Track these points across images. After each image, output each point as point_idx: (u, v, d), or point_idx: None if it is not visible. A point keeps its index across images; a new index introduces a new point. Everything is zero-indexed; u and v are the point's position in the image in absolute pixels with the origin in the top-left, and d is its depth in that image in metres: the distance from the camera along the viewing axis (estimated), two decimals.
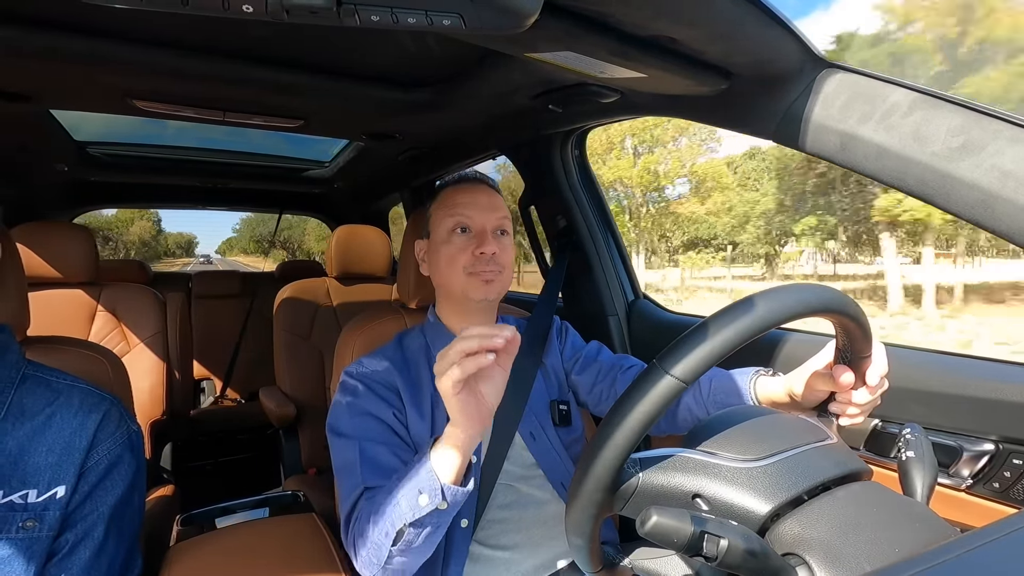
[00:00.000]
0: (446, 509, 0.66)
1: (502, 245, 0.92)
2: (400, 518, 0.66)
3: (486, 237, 0.90)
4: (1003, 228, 0.63)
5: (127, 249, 34.96)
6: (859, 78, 0.75)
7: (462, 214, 0.91)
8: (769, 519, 0.47)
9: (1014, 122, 0.63)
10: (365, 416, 0.84)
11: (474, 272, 0.89)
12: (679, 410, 0.92)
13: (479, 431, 0.65)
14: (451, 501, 0.65)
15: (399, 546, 0.67)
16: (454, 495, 0.65)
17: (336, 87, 1.15)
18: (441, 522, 0.68)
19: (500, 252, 0.90)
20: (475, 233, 0.91)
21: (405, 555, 0.69)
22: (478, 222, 0.91)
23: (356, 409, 0.84)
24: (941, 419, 0.84)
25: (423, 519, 0.65)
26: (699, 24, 0.70)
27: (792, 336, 1.09)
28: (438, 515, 0.66)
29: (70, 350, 1.00)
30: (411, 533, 0.67)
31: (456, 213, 0.91)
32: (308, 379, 1.76)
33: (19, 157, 1.78)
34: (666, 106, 1.02)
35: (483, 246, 0.88)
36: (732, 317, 0.50)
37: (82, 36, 0.90)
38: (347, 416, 0.84)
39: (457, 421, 0.64)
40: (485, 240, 0.89)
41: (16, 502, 0.65)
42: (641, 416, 0.48)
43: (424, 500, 0.65)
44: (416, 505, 0.65)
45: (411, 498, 0.65)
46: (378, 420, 0.84)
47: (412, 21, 0.52)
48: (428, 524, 0.67)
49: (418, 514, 0.65)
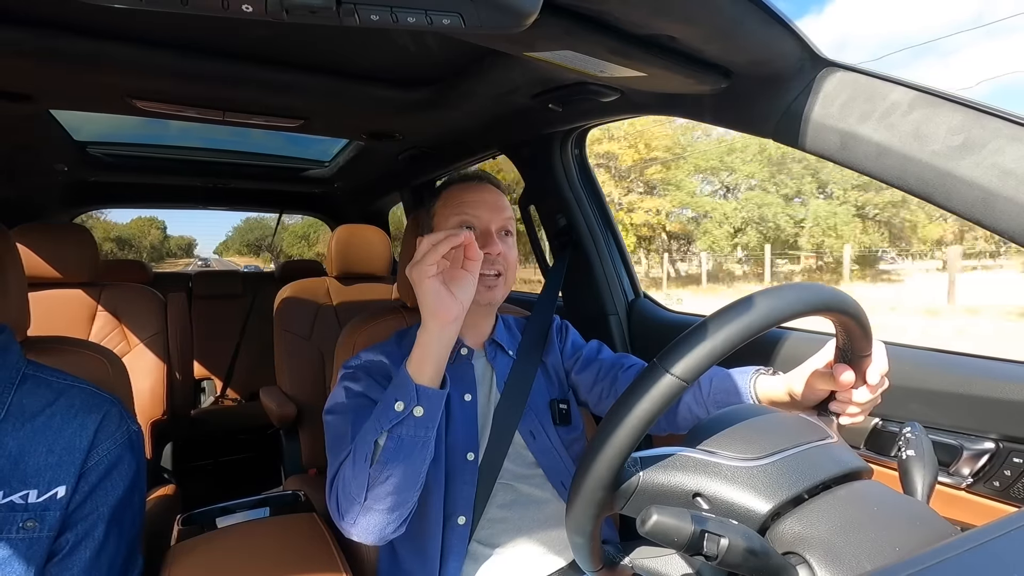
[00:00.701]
0: (422, 417, 0.67)
1: (507, 246, 0.92)
2: (376, 430, 0.68)
3: (491, 237, 0.90)
4: (1003, 227, 0.63)
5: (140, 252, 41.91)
6: (859, 77, 0.75)
7: (468, 213, 0.91)
8: (769, 518, 0.47)
9: (1014, 120, 0.63)
10: (361, 397, 0.84)
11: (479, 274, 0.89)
12: (679, 409, 0.92)
13: (450, 323, 0.70)
14: (426, 405, 0.67)
15: (375, 467, 0.68)
16: (429, 397, 0.67)
17: (336, 87, 1.15)
18: (418, 435, 0.69)
19: (505, 252, 0.90)
20: (480, 232, 0.91)
21: (383, 481, 0.68)
22: (483, 221, 0.91)
23: (352, 392, 0.85)
24: (941, 418, 0.84)
25: (398, 426, 0.67)
26: (699, 22, 0.70)
27: (792, 335, 1.09)
28: (415, 423, 0.67)
29: (70, 350, 1.00)
30: (387, 443, 0.68)
31: (462, 212, 0.91)
32: (308, 379, 1.76)
33: (19, 157, 1.78)
34: (666, 105, 1.02)
35: (488, 246, 0.88)
36: (732, 316, 0.50)
37: (82, 36, 0.90)
38: (343, 398, 0.85)
39: (432, 310, 0.69)
40: (490, 240, 0.89)
41: (16, 502, 0.65)
42: (642, 415, 0.48)
43: (399, 406, 0.67)
44: (392, 411, 0.67)
45: (387, 407, 0.68)
46: (373, 401, 0.83)
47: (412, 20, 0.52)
48: (405, 436, 0.68)
49: (393, 420, 0.67)
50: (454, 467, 0.87)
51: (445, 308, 0.69)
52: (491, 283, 0.90)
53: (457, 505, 0.85)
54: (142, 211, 41.38)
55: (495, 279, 0.90)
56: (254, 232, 47.07)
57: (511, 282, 0.94)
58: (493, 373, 0.97)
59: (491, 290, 0.90)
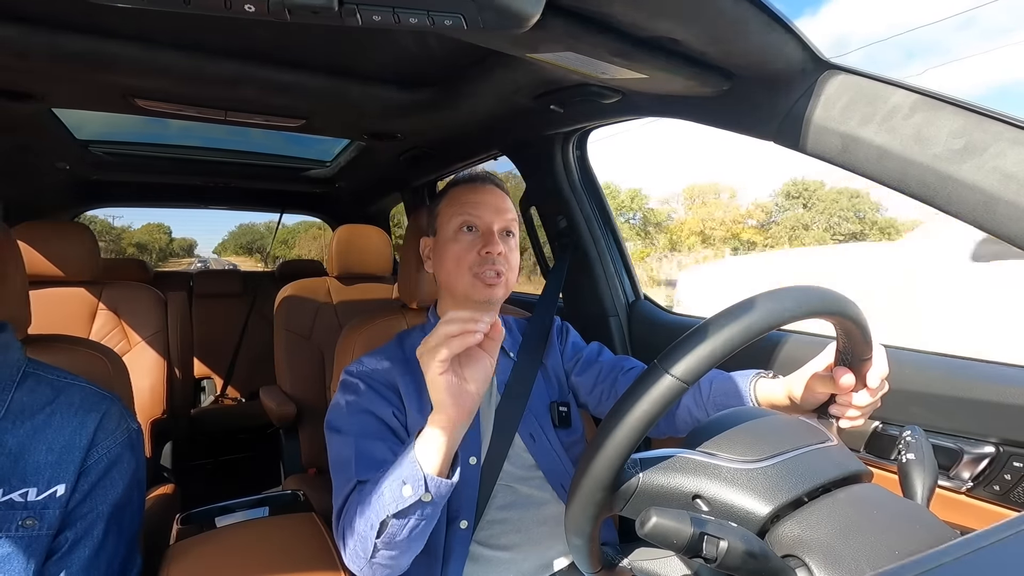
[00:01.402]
0: (430, 502, 0.64)
1: (508, 246, 0.92)
2: (383, 509, 0.65)
3: (493, 237, 0.90)
4: (1004, 230, 0.63)
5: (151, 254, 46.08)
6: (861, 80, 0.75)
7: (470, 213, 0.91)
8: (769, 520, 0.47)
9: (1016, 124, 0.63)
10: (363, 414, 0.84)
11: (479, 273, 0.89)
12: (679, 412, 0.92)
13: (464, 417, 0.64)
14: (435, 493, 0.64)
15: (383, 538, 0.66)
16: (437, 487, 0.64)
17: (338, 87, 1.15)
18: (426, 516, 0.66)
19: (506, 253, 0.91)
20: (482, 232, 0.91)
21: (390, 548, 0.68)
22: (486, 221, 0.91)
23: (355, 407, 0.84)
24: (941, 421, 0.84)
25: (406, 511, 0.64)
26: (700, 25, 0.70)
27: (792, 337, 1.09)
28: (422, 507, 0.65)
29: (71, 348, 1.00)
30: (394, 525, 0.65)
31: (464, 212, 0.91)
32: (308, 378, 1.76)
33: (21, 156, 1.78)
34: (667, 107, 1.02)
35: (489, 245, 0.89)
36: (733, 318, 0.50)
37: (84, 35, 0.90)
38: (345, 414, 0.84)
39: (442, 404, 0.62)
40: (492, 240, 0.89)
41: (16, 500, 0.65)
42: (642, 416, 0.48)
43: (407, 491, 0.64)
44: (399, 496, 0.64)
45: (395, 489, 0.64)
46: (376, 418, 0.84)
47: (414, 21, 0.52)
48: (412, 517, 0.65)
49: (400, 505, 0.64)
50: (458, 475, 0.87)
51: (459, 405, 0.62)
52: (492, 281, 0.90)
53: (460, 509, 0.85)
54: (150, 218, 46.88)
55: (496, 278, 0.90)
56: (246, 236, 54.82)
57: (512, 282, 0.94)
58: (494, 375, 0.97)
59: (491, 288, 0.90)
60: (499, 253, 0.89)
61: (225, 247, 62.54)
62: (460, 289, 0.91)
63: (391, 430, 0.84)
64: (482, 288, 0.89)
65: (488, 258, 0.89)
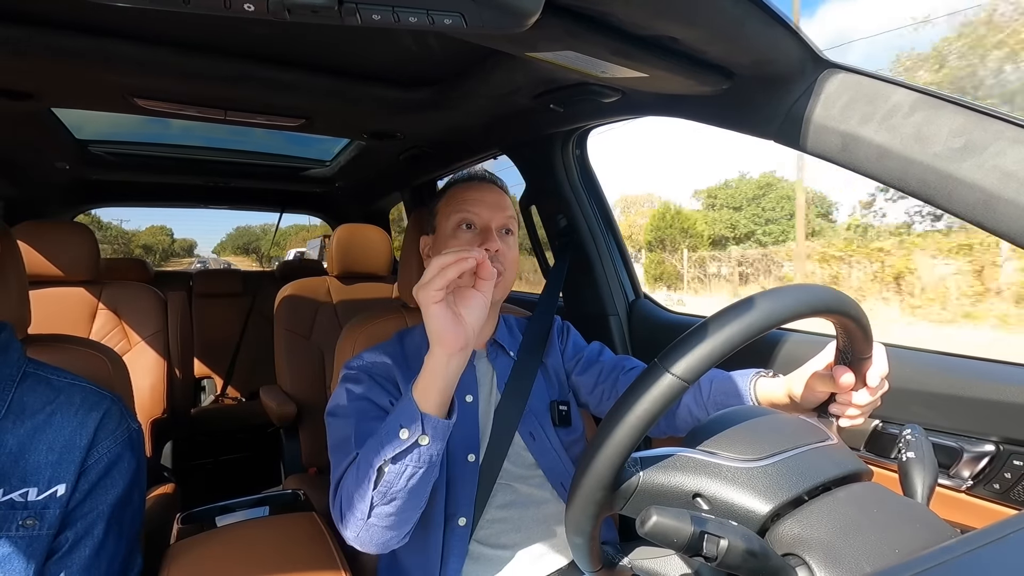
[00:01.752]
0: (427, 445, 0.64)
1: (507, 244, 0.92)
2: (380, 456, 0.65)
3: (491, 234, 0.90)
4: (1004, 229, 0.63)
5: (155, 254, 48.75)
6: (861, 78, 0.75)
7: (468, 210, 0.91)
8: (769, 519, 0.47)
9: (1016, 123, 0.63)
10: (363, 400, 0.84)
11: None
12: (679, 411, 0.92)
13: (459, 349, 0.65)
14: (432, 434, 0.64)
15: (379, 489, 0.66)
16: (435, 427, 0.64)
17: (338, 86, 1.15)
18: (424, 462, 0.66)
19: (504, 251, 0.90)
20: (480, 230, 0.91)
21: (387, 502, 0.67)
22: (484, 219, 0.91)
23: (355, 395, 0.85)
24: (942, 420, 0.84)
25: (403, 453, 0.64)
26: (700, 24, 0.70)
27: (792, 336, 1.09)
28: (419, 451, 0.64)
29: (71, 348, 1.00)
30: (391, 472, 0.65)
31: (463, 209, 0.91)
32: (309, 378, 1.76)
33: (21, 155, 1.78)
34: (667, 106, 1.02)
35: (488, 243, 0.89)
36: (733, 317, 0.50)
37: (84, 35, 0.90)
38: (345, 400, 0.84)
39: (438, 336, 0.64)
40: (490, 237, 0.89)
41: (16, 500, 0.65)
42: (642, 415, 0.48)
43: (404, 434, 0.64)
44: (396, 439, 0.64)
45: (392, 433, 0.64)
46: (375, 405, 0.83)
47: (413, 20, 0.52)
48: (409, 461, 0.65)
49: (398, 448, 0.63)
50: (455, 469, 0.87)
51: (453, 335, 0.64)
52: None
53: (458, 506, 0.85)
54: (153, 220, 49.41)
55: (497, 274, 0.90)
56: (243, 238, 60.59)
57: (511, 281, 0.93)
58: (494, 374, 0.97)
59: None
60: (496, 250, 0.89)
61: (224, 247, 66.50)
62: None
63: None
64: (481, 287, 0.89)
65: (486, 255, 0.89)
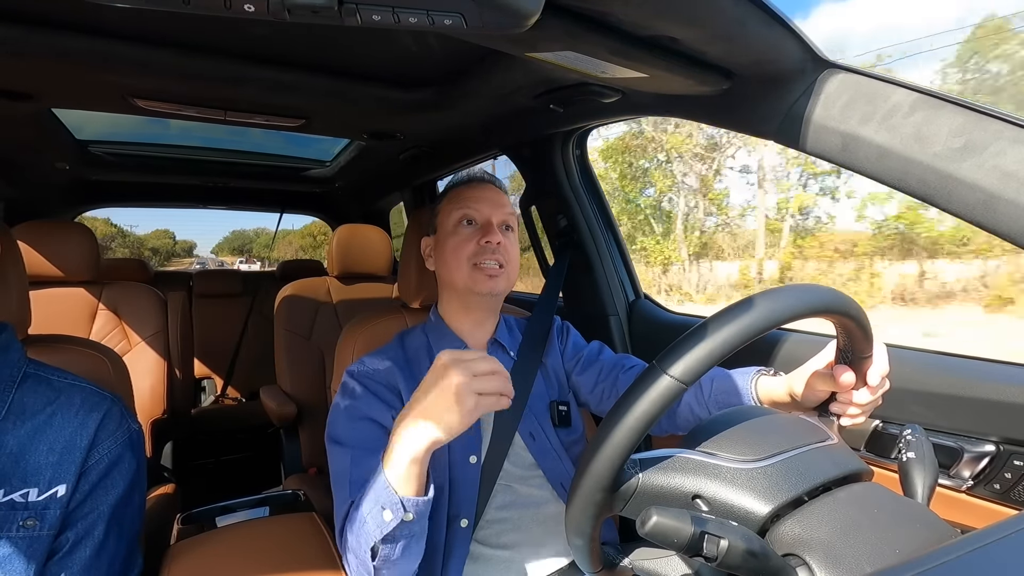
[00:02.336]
0: (413, 520, 0.65)
1: (508, 240, 0.93)
2: (370, 536, 0.65)
3: (492, 227, 0.91)
4: (1004, 229, 0.63)
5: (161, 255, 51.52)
6: (861, 78, 0.75)
7: (469, 207, 0.92)
8: (769, 520, 0.47)
9: (1015, 123, 0.63)
10: (362, 421, 0.83)
11: (479, 264, 0.90)
12: (680, 410, 0.92)
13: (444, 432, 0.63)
14: (416, 512, 0.64)
15: (378, 561, 0.67)
16: (416, 506, 0.64)
17: (337, 86, 1.15)
18: (414, 532, 0.67)
19: (506, 244, 0.91)
20: (481, 225, 0.92)
21: (390, 567, 0.68)
22: (484, 214, 0.92)
23: (354, 413, 0.84)
24: (942, 420, 0.84)
25: (392, 534, 0.65)
26: (700, 24, 0.70)
27: (792, 336, 1.09)
28: (407, 527, 0.65)
29: (71, 349, 1.00)
30: (385, 548, 0.66)
31: (463, 206, 0.93)
32: (309, 378, 1.76)
33: (21, 156, 1.78)
34: (667, 106, 1.02)
35: (489, 235, 0.89)
36: (732, 317, 0.50)
37: (84, 35, 0.90)
38: (344, 421, 0.84)
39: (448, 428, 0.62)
40: (491, 230, 0.90)
41: (17, 501, 0.65)
42: (641, 417, 0.48)
43: (388, 516, 0.64)
44: (382, 522, 0.64)
45: (376, 515, 0.65)
46: (375, 424, 0.83)
47: (413, 21, 0.52)
48: (400, 537, 0.66)
49: (385, 530, 0.64)
50: (456, 470, 0.87)
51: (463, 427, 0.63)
52: (493, 272, 0.90)
53: (460, 507, 0.85)
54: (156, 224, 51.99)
55: (497, 269, 0.91)
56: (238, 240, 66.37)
57: (513, 277, 0.94)
58: None
59: (493, 279, 0.90)
60: (498, 243, 0.90)
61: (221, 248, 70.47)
62: (461, 282, 0.91)
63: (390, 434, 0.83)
64: (483, 280, 0.90)
65: (488, 247, 0.89)
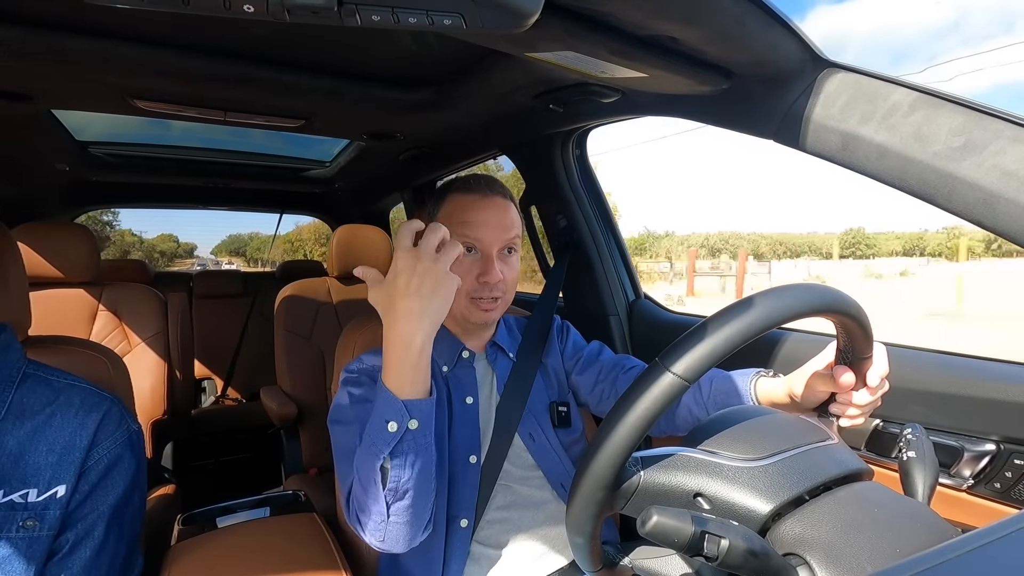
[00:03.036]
0: (418, 428, 0.65)
1: (508, 265, 0.90)
2: (378, 456, 0.65)
3: (492, 264, 0.87)
4: (1004, 228, 0.63)
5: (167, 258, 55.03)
6: (860, 78, 0.75)
7: (469, 235, 0.87)
8: (770, 519, 0.47)
9: (1016, 122, 0.63)
10: (366, 403, 0.83)
11: (476, 298, 0.88)
12: (679, 411, 0.92)
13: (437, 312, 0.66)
14: (420, 417, 0.65)
15: (389, 487, 0.67)
16: (420, 410, 0.65)
17: (337, 87, 1.15)
18: (421, 445, 0.67)
19: (506, 274, 0.89)
20: (482, 256, 0.88)
21: (401, 497, 0.68)
22: (486, 244, 0.88)
23: (357, 398, 0.84)
24: (942, 419, 0.84)
25: (400, 447, 0.65)
26: (700, 23, 0.70)
27: (792, 336, 1.09)
28: (413, 437, 0.65)
29: (71, 350, 1.00)
30: (395, 467, 0.66)
31: (463, 232, 0.87)
32: (309, 379, 1.76)
33: (20, 157, 1.78)
34: (667, 106, 1.02)
35: (487, 274, 0.86)
36: (734, 316, 0.50)
37: (83, 36, 0.90)
38: (348, 405, 0.84)
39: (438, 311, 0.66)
40: (491, 267, 0.87)
41: (16, 501, 0.65)
42: (643, 414, 0.48)
43: (393, 427, 0.64)
44: (387, 435, 0.65)
45: (380, 430, 0.65)
46: None
47: (413, 21, 0.52)
48: (408, 451, 0.66)
49: (392, 441, 0.64)
50: (456, 470, 0.86)
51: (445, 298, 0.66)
52: (487, 306, 0.89)
53: (460, 508, 0.85)
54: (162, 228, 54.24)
55: (492, 302, 0.89)
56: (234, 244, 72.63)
57: (509, 301, 0.93)
58: (494, 375, 0.96)
59: (487, 312, 0.89)
60: (498, 281, 0.87)
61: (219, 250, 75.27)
62: (456, 310, 0.90)
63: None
64: (478, 312, 0.89)
65: (486, 286, 0.87)
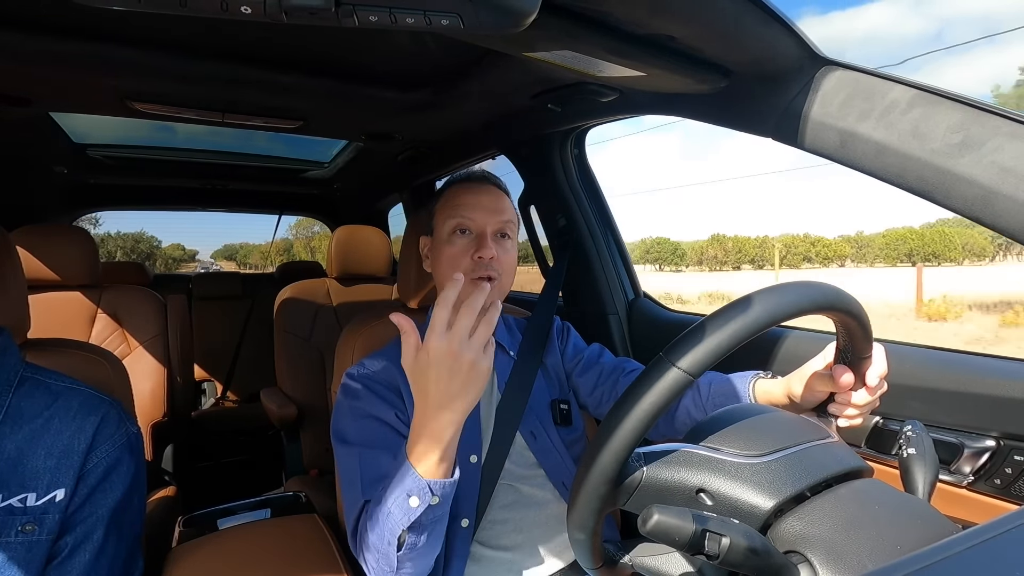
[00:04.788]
0: (439, 504, 0.65)
1: (503, 248, 0.90)
2: (397, 525, 0.65)
3: (486, 241, 0.88)
4: (1002, 224, 0.63)
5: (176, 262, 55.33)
6: (858, 75, 0.75)
7: (463, 216, 0.90)
8: (772, 515, 0.47)
9: (1013, 118, 0.63)
10: (367, 419, 0.83)
11: (473, 277, 0.88)
12: (678, 413, 0.92)
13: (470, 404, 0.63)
14: (441, 495, 0.64)
15: (404, 551, 0.67)
16: (442, 488, 0.64)
17: (335, 88, 1.15)
18: (439, 516, 0.67)
19: (500, 256, 0.89)
20: (476, 236, 0.90)
21: (414, 558, 0.68)
22: (479, 224, 0.90)
23: (358, 412, 0.84)
24: (942, 416, 0.84)
25: (419, 521, 0.64)
26: (698, 22, 0.70)
27: (792, 334, 1.09)
28: (432, 511, 0.65)
29: (71, 353, 1.00)
30: (411, 537, 0.66)
31: (458, 214, 0.90)
32: (309, 380, 1.76)
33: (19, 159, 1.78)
34: (665, 104, 1.02)
35: (482, 250, 0.87)
36: (736, 313, 0.50)
37: (80, 39, 0.90)
38: (349, 420, 0.84)
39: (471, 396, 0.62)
40: (484, 244, 0.88)
41: (15, 506, 0.65)
42: (648, 408, 0.48)
43: (415, 502, 0.64)
44: (408, 509, 0.64)
45: (401, 503, 0.64)
46: (380, 422, 0.83)
47: (411, 21, 0.52)
48: (426, 524, 0.66)
49: (412, 517, 0.64)
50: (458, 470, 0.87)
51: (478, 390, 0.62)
52: (483, 284, 0.89)
53: (461, 508, 0.85)
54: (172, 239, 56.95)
55: (486, 283, 0.88)
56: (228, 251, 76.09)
57: (507, 286, 0.92)
58: (494, 374, 0.96)
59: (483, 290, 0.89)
60: (491, 258, 0.87)
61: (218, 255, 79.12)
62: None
63: (397, 433, 0.83)
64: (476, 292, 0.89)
65: (480, 263, 0.88)
